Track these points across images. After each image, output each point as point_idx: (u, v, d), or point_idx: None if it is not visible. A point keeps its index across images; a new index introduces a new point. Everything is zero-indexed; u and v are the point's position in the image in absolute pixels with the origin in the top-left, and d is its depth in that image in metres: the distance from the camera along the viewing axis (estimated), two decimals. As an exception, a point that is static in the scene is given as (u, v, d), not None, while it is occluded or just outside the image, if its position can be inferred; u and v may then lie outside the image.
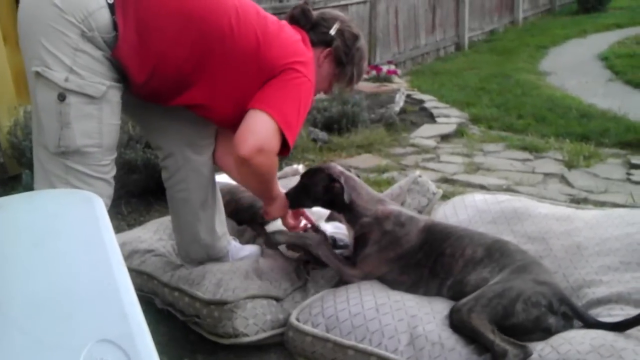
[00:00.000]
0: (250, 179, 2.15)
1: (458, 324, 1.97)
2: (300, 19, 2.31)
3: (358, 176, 2.52)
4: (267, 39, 2.07)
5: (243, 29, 2.03)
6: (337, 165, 2.47)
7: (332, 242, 2.46)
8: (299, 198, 2.43)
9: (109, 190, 2.01)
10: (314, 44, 2.29)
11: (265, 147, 2.01)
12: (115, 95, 1.95)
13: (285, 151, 2.11)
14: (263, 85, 2.07)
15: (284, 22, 2.22)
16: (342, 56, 2.32)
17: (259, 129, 2.01)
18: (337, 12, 2.42)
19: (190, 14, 1.97)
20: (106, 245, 1.19)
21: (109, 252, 1.16)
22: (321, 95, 5.93)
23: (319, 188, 2.38)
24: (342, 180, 2.36)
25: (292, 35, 2.18)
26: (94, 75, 1.87)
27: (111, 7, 1.87)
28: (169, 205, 2.46)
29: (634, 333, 1.84)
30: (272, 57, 2.06)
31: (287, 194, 2.41)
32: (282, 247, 2.56)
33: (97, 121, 1.91)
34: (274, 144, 2.03)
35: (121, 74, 1.95)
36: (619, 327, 1.85)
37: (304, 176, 2.46)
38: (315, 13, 2.36)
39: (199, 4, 2.00)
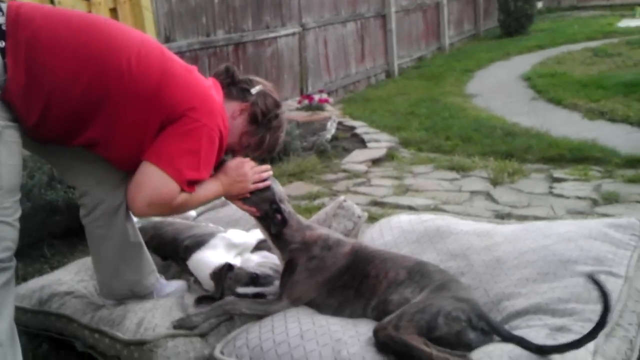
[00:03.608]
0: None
1: (387, 341, 1.95)
2: (221, 73, 2.34)
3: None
4: (170, 81, 2.05)
5: (143, 68, 2.01)
6: (281, 189, 2.43)
7: (256, 278, 2.42)
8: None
9: (13, 233, 1.94)
10: (232, 97, 2.30)
11: (154, 200, 2.04)
12: (11, 135, 1.90)
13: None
14: (160, 132, 2.05)
15: (194, 68, 2.21)
16: (259, 115, 2.31)
17: (146, 183, 2.03)
18: (264, 80, 2.43)
19: (88, 54, 1.95)
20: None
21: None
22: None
23: (262, 205, 2.33)
24: (286, 214, 2.33)
25: (200, 80, 2.17)
26: None
27: (2, 50, 1.83)
28: (89, 243, 2.40)
29: (550, 341, 1.88)
30: (172, 99, 2.04)
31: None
32: (208, 282, 2.51)
33: None
34: (165, 194, 2.04)
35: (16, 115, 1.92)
36: (530, 349, 1.86)
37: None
38: (241, 75, 2.38)
39: (98, 44, 1.97)
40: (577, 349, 1.80)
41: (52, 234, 3.56)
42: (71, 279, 2.67)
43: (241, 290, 2.39)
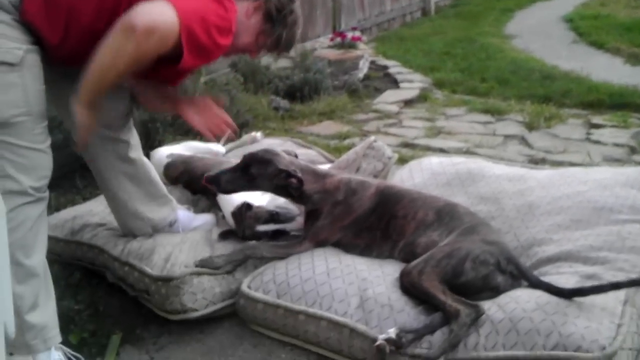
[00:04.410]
0: (108, 52, 1.88)
1: (409, 286, 1.98)
2: None
3: (296, 156, 2.45)
4: None
5: None
6: (283, 153, 2.35)
7: (276, 215, 2.41)
8: (236, 184, 2.26)
9: (47, 161, 1.93)
10: None
11: (156, 31, 1.82)
12: (34, 59, 1.88)
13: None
14: None
15: None
16: (274, 12, 2.19)
17: (159, 13, 1.84)
18: None
19: None
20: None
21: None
22: (284, 63, 5.88)
23: (272, 182, 2.28)
24: (299, 174, 2.27)
25: None
26: (8, 41, 1.80)
27: None
28: (98, 184, 2.43)
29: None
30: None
31: (220, 175, 2.27)
32: (231, 220, 2.52)
33: (22, 89, 1.83)
34: (168, 35, 1.84)
35: (36, 36, 1.88)
36: (562, 293, 1.85)
37: (249, 161, 2.28)
38: None
39: None
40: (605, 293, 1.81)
41: (84, 165, 3.55)
42: (102, 211, 2.70)
43: (262, 228, 2.39)
